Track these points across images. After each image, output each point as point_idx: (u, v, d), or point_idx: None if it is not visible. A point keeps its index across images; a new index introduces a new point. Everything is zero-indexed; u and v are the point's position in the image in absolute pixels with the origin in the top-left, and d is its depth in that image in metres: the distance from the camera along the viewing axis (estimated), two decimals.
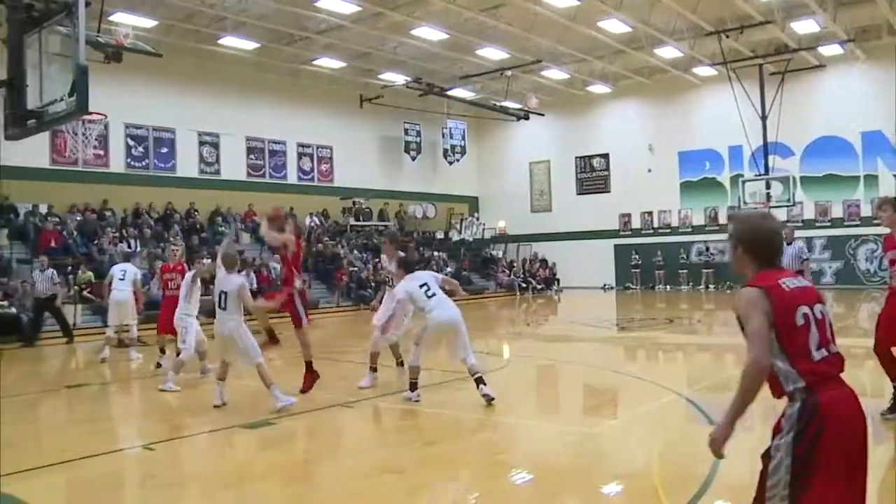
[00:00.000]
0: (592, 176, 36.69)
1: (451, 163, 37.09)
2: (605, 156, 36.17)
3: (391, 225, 33.67)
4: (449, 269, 31.77)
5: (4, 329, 18.13)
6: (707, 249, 32.40)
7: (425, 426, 7.91)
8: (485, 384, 8.94)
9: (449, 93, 31.81)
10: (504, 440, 7.73)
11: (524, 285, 34.35)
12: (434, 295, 9.45)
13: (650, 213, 34.87)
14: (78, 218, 23.89)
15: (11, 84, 8.45)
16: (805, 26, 26.32)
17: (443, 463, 6.71)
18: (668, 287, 33.13)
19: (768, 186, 27.92)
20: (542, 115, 34.32)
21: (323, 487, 6.04)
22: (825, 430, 3.09)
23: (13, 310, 18.46)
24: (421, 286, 9.43)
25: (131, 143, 26.52)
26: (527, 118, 33.55)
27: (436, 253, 32.75)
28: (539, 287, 34.82)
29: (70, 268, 21.15)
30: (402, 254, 10.74)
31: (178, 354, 10.94)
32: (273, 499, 5.83)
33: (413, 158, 36.14)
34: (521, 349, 15.97)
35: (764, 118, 28.25)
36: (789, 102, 27.93)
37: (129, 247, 23.32)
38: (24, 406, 9.38)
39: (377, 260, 25.43)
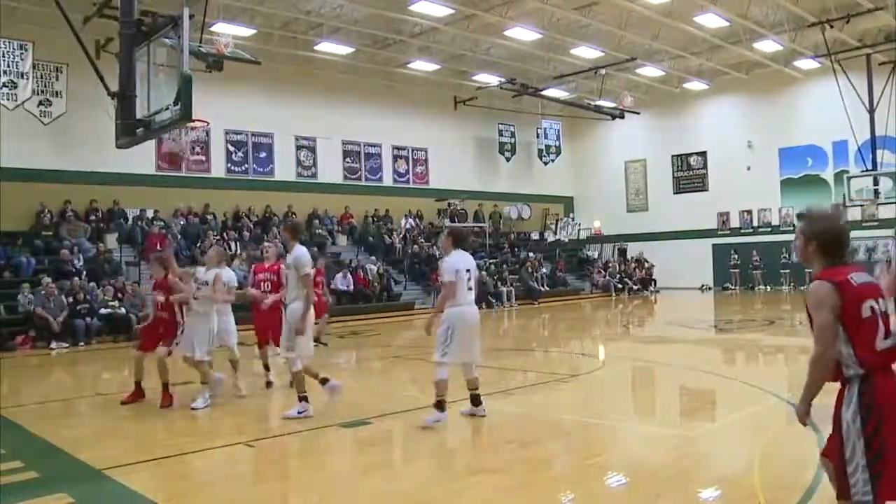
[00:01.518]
0: (689, 174, 35.98)
1: (545, 163, 36.95)
2: (703, 154, 35.44)
3: (486, 226, 33.70)
4: (544, 270, 31.67)
5: (116, 328, 19.02)
6: None
7: (521, 427, 7.91)
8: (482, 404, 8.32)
9: (543, 93, 31.72)
10: (600, 442, 7.66)
11: (620, 286, 33.90)
12: (471, 289, 8.13)
13: (749, 212, 33.98)
14: (181, 222, 24.71)
15: (123, 96, 8.88)
16: None
17: (538, 464, 6.69)
18: (768, 287, 32.24)
19: (876, 182, 26.92)
20: (638, 113, 33.84)
21: (419, 486, 6.11)
22: (885, 416, 3.41)
23: (123, 310, 19.28)
24: (466, 270, 8.08)
25: (231, 148, 27.32)
26: (622, 117, 33.17)
27: (531, 254, 32.63)
28: (635, 288, 34.31)
29: None
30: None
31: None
32: (370, 496, 5.91)
33: (507, 159, 36.13)
34: (618, 350, 15.81)
35: (872, 111, 27.23)
36: None
37: (230, 249, 23.97)
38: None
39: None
